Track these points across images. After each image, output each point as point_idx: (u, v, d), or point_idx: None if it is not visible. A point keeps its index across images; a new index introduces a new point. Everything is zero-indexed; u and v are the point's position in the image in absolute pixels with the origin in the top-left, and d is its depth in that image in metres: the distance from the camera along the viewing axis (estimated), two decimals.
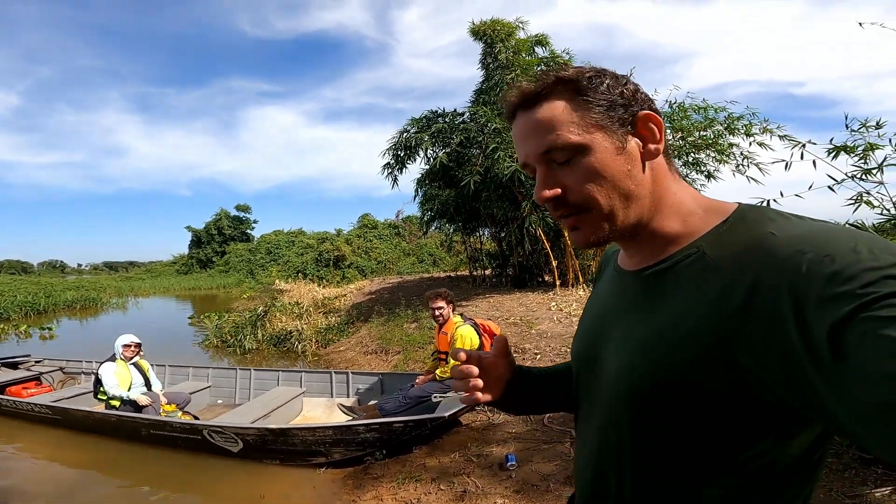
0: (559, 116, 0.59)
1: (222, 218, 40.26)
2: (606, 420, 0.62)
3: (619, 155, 0.58)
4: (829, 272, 0.42)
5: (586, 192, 0.59)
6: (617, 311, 0.65)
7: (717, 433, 0.52)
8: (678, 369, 0.52)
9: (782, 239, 0.48)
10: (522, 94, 0.62)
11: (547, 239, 9.71)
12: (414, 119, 10.10)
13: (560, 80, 0.59)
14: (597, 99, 0.58)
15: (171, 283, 33.22)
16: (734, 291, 0.49)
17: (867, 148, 3.01)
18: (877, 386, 0.37)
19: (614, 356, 0.62)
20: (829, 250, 0.43)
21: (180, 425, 4.16)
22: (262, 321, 10.18)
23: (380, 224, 28.19)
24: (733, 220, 0.56)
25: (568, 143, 0.58)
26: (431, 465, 3.34)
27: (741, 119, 7.67)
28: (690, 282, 0.55)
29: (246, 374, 5.68)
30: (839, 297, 0.40)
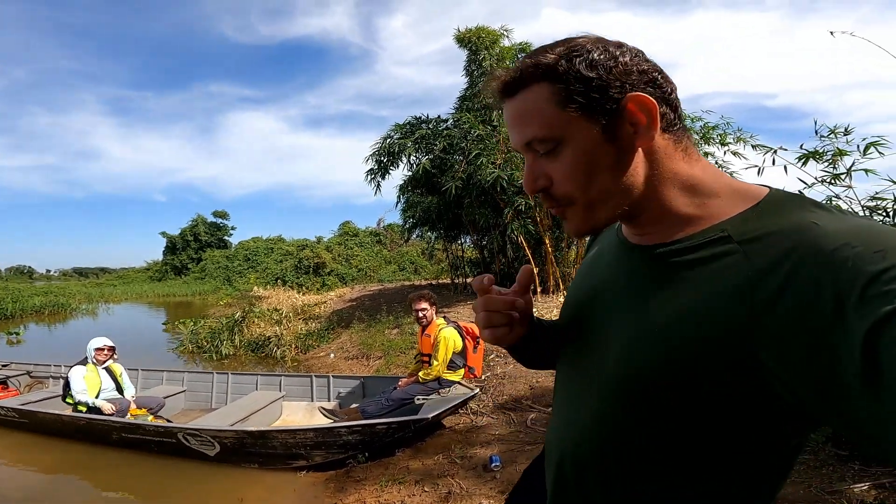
0: (535, 108, 0.55)
1: (199, 224, 39.45)
2: (602, 401, 0.59)
3: (603, 147, 0.54)
4: (879, 268, 0.38)
5: (569, 186, 0.56)
6: (621, 287, 0.61)
7: (719, 426, 0.50)
8: (691, 361, 0.49)
9: (828, 230, 0.44)
10: (502, 82, 0.58)
11: (528, 246, 9.78)
12: (398, 125, 10.13)
13: (538, 66, 0.55)
14: (576, 86, 0.53)
15: (144, 290, 32.39)
16: (766, 281, 0.45)
17: (836, 154, 3.12)
18: None
19: (617, 337, 0.58)
20: (881, 246, 0.40)
21: (153, 428, 4.04)
22: (239, 327, 9.98)
23: (361, 232, 28.02)
24: (765, 205, 0.52)
25: (542, 137, 0.55)
26: (415, 467, 3.31)
27: (716, 128, 7.89)
28: (714, 267, 0.50)
29: (223, 378, 5.55)
30: (886, 294, 0.37)
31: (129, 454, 4.16)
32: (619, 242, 0.65)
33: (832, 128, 3.18)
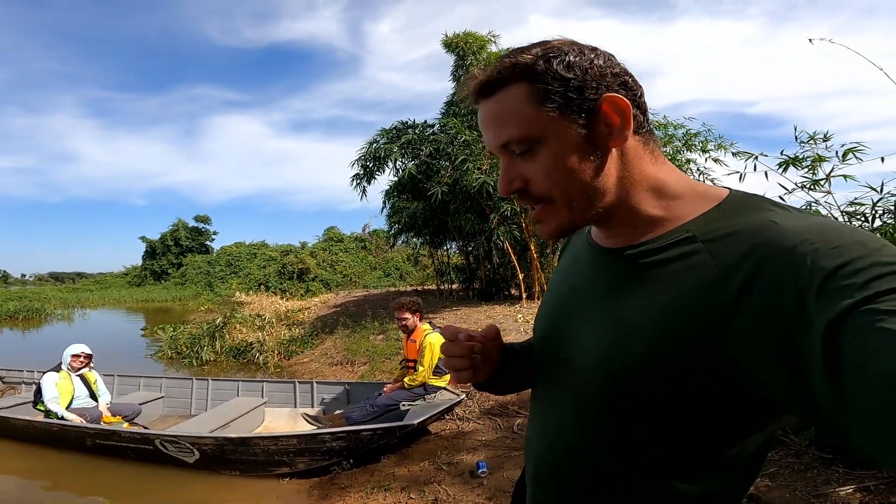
0: (513, 108, 0.56)
1: (180, 229, 38.78)
2: (577, 403, 0.59)
3: (578, 147, 0.55)
4: (837, 264, 0.40)
5: (545, 186, 0.57)
6: (592, 290, 0.62)
7: (695, 425, 0.51)
8: (663, 357, 0.50)
9: (787, 228, 0.46)
10: (479, 82, 0.58)
11: (514, 252, 9.82)
12: (384, 130, 10.10)
13: (516, 66, 0.56)
14: (554, 86, 0.54)
15: (122, 295, 31.65)
16: (730, 278, 0.46)
17: (815, 160, 3.17)
18: (874, 382, 0.35)
19: (592, 338, 0.58)
20: (838, 242, 0.42)
21: (129, 435, 3.93)
22: (220, 332, 9.80)
23: (346, 237, 27.82)
24: (726, 206, 0.54)
25: (520, 137, 0.56)
26: (401, 473, 3.26)
27: (698, 136, 8.03)
28: (680, 267, 0.52)
29: (203, 385, 5.42)
30: (844, 289, 0.38)
31: (105, 461, 4.05)
32: (589, 248, 0.66)
33: (811, 134, 3.23)
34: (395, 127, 10.17)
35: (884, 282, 0.38)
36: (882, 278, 0.38)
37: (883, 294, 0.37)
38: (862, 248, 0.41)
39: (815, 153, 3.18)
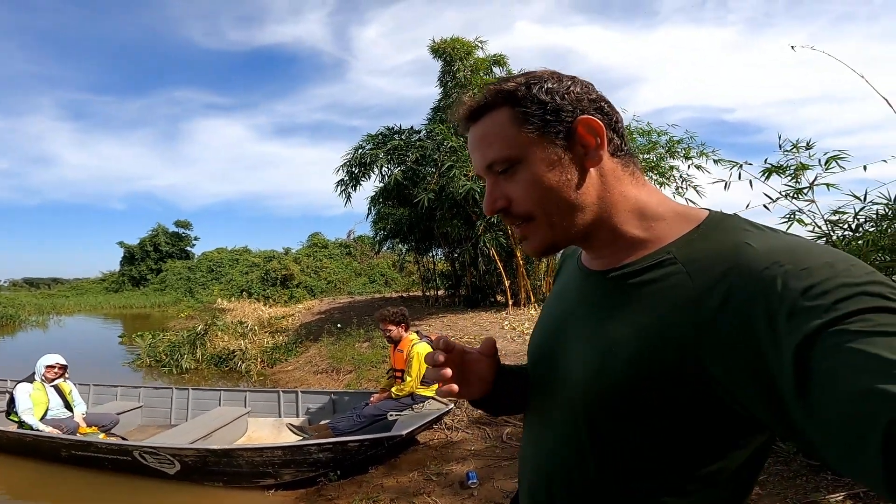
0: (497, 130, 0.60)
1: (159, 234, 38.06)
2: (567, 421, 0.60)
3: (555, 166, 0.58)
4: (805, 285, 0.41)
5: (526, 204, 0.60)
6: (581, 311, 0.64)
7: (678, 440, 0.52)
8: (645, 375, 0.51)
9: (759, 250, 0.47)
10: (467, 108, 0.63)
11: (500, 259, 9.82)
12: (370, 135, 10.05)
13: (500, 93, 0.60)
14: (533, 109, 0.58)
15: (99, 301, 30.95)
16: (707, 299, 0.48)
17: (798, 168, 3.19)
18: (841, 400, 0.36)
19: (579, 358, 0.60)
20: (807, 264, 0.43)
21: (106, 446, 3.80)
22: (201, 340, 9.59)
23: (330, 243, 27.54)
24: (705, 227, 0.55)
25: (503, 157, 0.59)
26: (389, 485, 3.20)
27: (681, 143, 8.14)
28: (661, 287, 0.53)
29: (183, 394, 5.28)
30: (813, 309, 0.40)
31: (82, 472, 3.94)
32: (579, 271, 0.69)
33: (794, 142, 3.25)
34: (381, 133, 10.13)
35: (851, 303, 0.39)
36: (849, 299, 0.39)
37: (850, 315, 0.38)
38: (830, 269, 0.42)
39: (798, 161, 3.21)
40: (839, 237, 3.13)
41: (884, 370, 0.35)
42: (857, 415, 0.35)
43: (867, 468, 0.35)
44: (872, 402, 0.34)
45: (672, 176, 8.87)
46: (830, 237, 3.13)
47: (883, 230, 2.91)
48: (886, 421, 0.33)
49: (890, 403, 0.34)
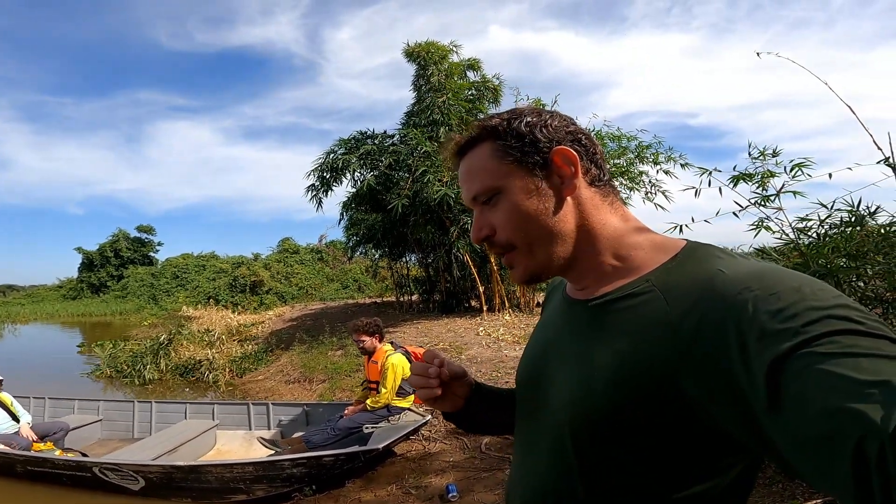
0: (480, 163, 0.64)
1: (120, 239, 36.59)
2: (554, 446, 0.61)
3: (534, 194, 0.61)
4: (774, 309, 0.43)
5: (507, 232, 0.63)
6: (565, 340, 0.66)
7: (664, 461, 0.53)
8: (627, 400, 0.53)
9: (731, 276, 0.49)
10: (456, 144, 0.68)
11: (474, 264, 9.81)
12: (342, 140, 9.89)
13: (484, 129, 0.65)
14: (512, 142, 0.62)
15: (57, 309, 29.51)
16: (683, 325, 0.50)
17: (765, 175, 3.27)
18: (812, 419, 0.38)
19: (563, 384, 0.61)
20: (775, 289, 0.45)
21: (63, 462, 3.58)
22: (165, 350, 9.22)
23: (301, 249, 26.97)
24: (682, 256, 0.57)
25: (485, 188, 0.63)
26: (367, 498, 3.11)
27: (650, 147, 8.30)
28: (641, 314, 0.55)
29: (146, 407, 5.05)
30: (782, 332, 0.42)
31: (39, 487, 3.75)
32: (563, 301, 0.71)
33: (762, 150, 3.32)
34: (353, 137, 9.98)
35: (819, 326, 0.41)
36: (817, 322, 0.41)
37: (819, 337, 0.40)
38: (797, 293, 0.44)
39: (765, 169, 3.28)
40: (805, 244, 3.21)
41: (852, 390, 0.36)
42: (828, 433, 0.36)
43: (839, 484, 0.36)
44: (842, 421, 0.36)
45: (641, 181, 9.06)
46: (797, 244, 3.21)
47: (847, 236, 3.00)
48: (856, 438, 0.35)
49: (859, 421, 0.35)
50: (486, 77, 10.51)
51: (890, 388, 0.36)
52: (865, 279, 3.02)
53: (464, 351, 6.24)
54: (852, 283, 3.01)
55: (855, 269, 2.91)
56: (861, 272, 2.95)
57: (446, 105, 9.58)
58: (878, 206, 2.90)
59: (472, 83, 10.34)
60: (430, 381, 0.74)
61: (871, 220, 2.95)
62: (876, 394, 0.36)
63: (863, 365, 0.38)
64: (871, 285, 2.98)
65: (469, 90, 10.25)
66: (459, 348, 6.40)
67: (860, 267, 2.91)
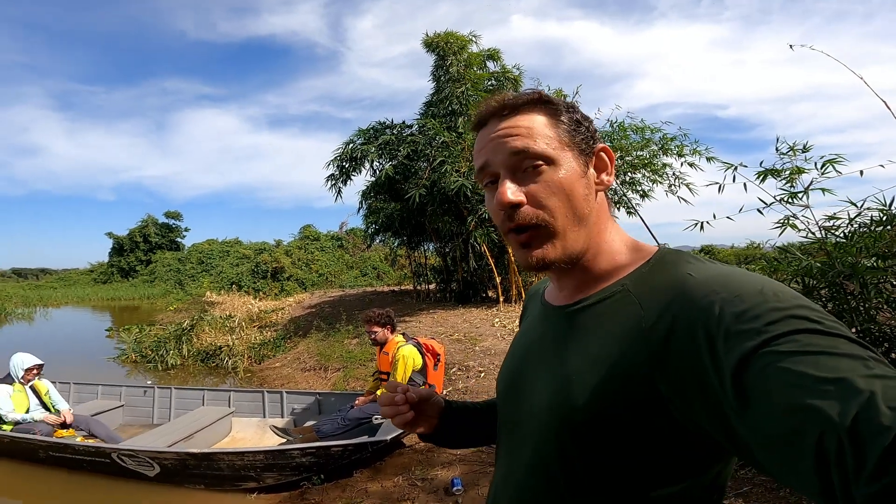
0: (537, 126, 0.61)
1: (149, 225, 37.59)
2: (536, 454, 0.62)
3: (583, 177, 0.61)
4: (738, 311, 0.45)
5: (547, 204, 0.60)
6: (543, 346, 0.66)
7: (645, 463, 0.54)
8: (606, 402, 0.53)
9: (698, 280, 0.51)
10: (503, 102, 0.63)
11: (491, 255, 9.75)
12: (361, 130, 9.90)
13: (541, 98, 0.63)
14: (570, 123, 0.62)
15: (87, 293, 30.53)
16: (657, 327, 0.51)
17: (794, 171, 3.12)
18: (776, 416, 0.39)
19: (542, 390, 0.62)
20: (739, 291, 0.47)
21: (83, 448, 3.71)
22: (188, 335, 9.46)
23: (322, 236, 27.29)
24: (654, 261, 0.59)
25: (541, 152, 0.60)
26: (374, 489, 3.14)
27: (674, 140, 8.07)
28: (615, 318, 0.56)
29: (165, 393, 5.18)
30: (746, 332, 0.43)
31: (59, 472, 3.88)
32: (542, 307, 0.72)
33: (791, 144, 3.17)
34: (372, 127, 9.98)
35: (780, 325, 0.42)
36: (778, 322, 0.42)
37: (780, 336, 0.41)
38: (759, 295, 0.46)
39: (794, 165, 3.13)
40: (832, 243, 3.07)
41: (811, 387, 0.38)
42: (790, 430, 0.38)
43: (804, 480, 0.37)
44: (802, 418, 0.37)
45: (665, 174, 8.84)
46: (823, 243, 3.08)
47: (877, 236, 2.86)
48: (816, 434, 0.36)
49: (818, 417, 0.36)
50: (505, 67, 10.35)
51: (847, 384, 0.37)
52: (894, 281, 2.88)
53: (478, 342, 6.23)
54: (879, 284, 2.87)
55: (882, 271, 2.78)
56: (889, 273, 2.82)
57: (465, 95, 9.48)
58: None
59: (491, 73, 10.20)
60: (399, 407, 0.76)
61: None
62: (833, 390, 0.37)
63: (821, 362, 0.39)
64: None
65: (488, 80, 10.11)
66: (474, 339, 6.39)
67: (889, 268, 2.78)
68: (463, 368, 5.27)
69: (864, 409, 0.35)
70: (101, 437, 4.28)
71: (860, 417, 0.35)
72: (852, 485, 0.34)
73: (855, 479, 0.34)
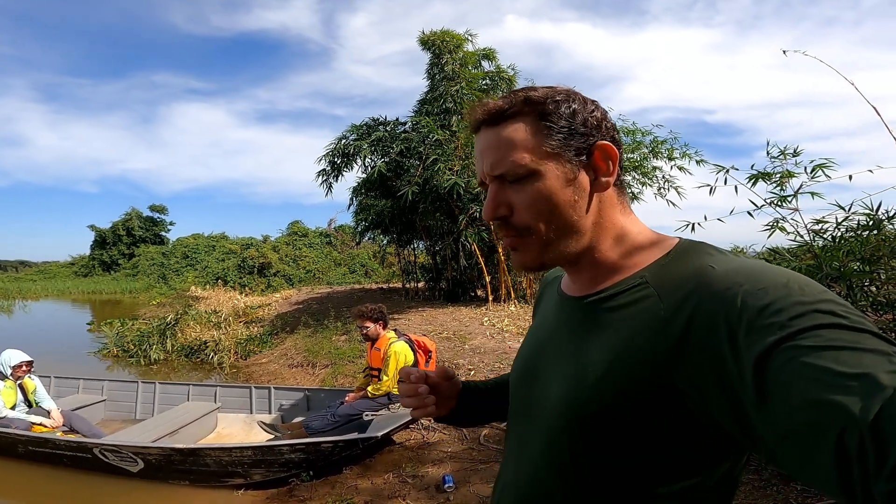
0: (518, 138, 0.59)
1: (133, 218, 36.90)
2: (549, 446, 0.61)
3: (568, 185, 0.59)
4: (763, 304, 0.44)
5: (529, 216, 0.60)
6: (559, 337, 0.65)
7: (658, 456, 0.53)
8: (621, 394, 0.53)
9: (721, 272, 0.50)
10: (488, 110, 0.62)
11: (481, 254, 9.77)
12: (354, 126, 9.83)
13: (527, 102, 0.60)
14: (558, 125, 0.59)
15: (68, 286, 29.93)
16: (675, 319, 0.50)
17: (784, 175, 3.17)
18: (797, 409, 0.39)
19: (557, 382, 0.61)
20: (764, 284, 0.46)
21: (64, 443, 3.63)
22: (172, 330, 9.31)
23: (310, 232, 27.03)
24: (675, 253, 0.58)
25: (520, 166, 0.59)
26: (364, 486, 3.12)
27: (665, 143, 8.16)
28: (634, 310, 0.56)
29: (149, 388, 5.09)
30: (769, 326, 0.42)
31: (40, 468, 3.80)
32: (558, 297, 0.71)
33: (782, 149, 3.23)
34: (365, 123, 9.92)
35: (804, 320, 0.42)
36: (802, 316, 0.42)
37: (803, 331, 0.41)
38: (784, 288, 0.45)
39: (784, 168, 3.19)
40: (819, 246, 3.13)
41: (833, 382, 0.37)
42: (810, 425, 0.37)
43: (823, 475, 0.37)
44: (824, 413, 0.37)
45: (655, 176, 8.93)
46: (811, 246, 3.13)
47: (863, 240, 2.92)
48: (837, 429, 0.36)
49: (840, 413, 0.36)
50: (500, 67, 10.37)
51: (870, 380, 0.36)
52: (878, 284, 2.95)
53: (468, 341, 6.23)
54: (864, 287, 2.93)
55: (868, 274, 2.83)
56: (874, 277, 2.88)
57: (459, 94, 9.48)
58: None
59: (486, 73, 10.22)
60: (424, 399, 0.76)
61: (889, 224, 2.86)
62: (856, 386, 0.37)
63: (844, 358, 0.39)
64: (883, 290, 2.91)
65: (483, 80, 10.13)
66: (463, 338, 6.38)
67: (874, 271, 2.84)
68: (452, 367, 5.26)
69: (888, 405, 0.35)
70: (82, 431, 4.18)
71: (883, 414, 0.34)
72: (872, 481, 0.34)
73: (876, 475, 0.34)
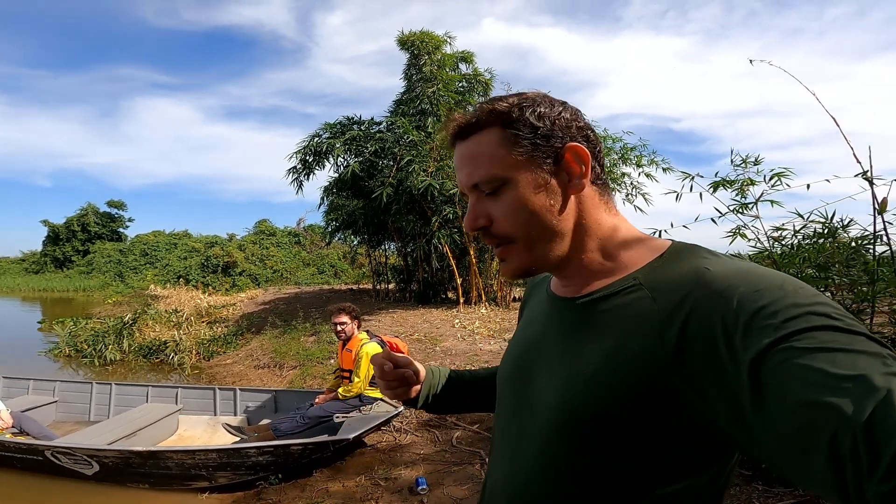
0: (486, 150, 0.61)
1: (88, 213, 35.28)
2: (543, 450, 0.60)
3: (542, 191, 0.60)
4: (759, 306, 0.45)
5: (508, 225, 0.61)
6: (550, 339, 0.65)
7: (654, 458, 0.53)
8: (615, 396, 0.53)
9: (717, 273, 0.50)
10: (458, 124, 0.63)
11: (453, 256, 9.77)
12: (328, 124, 9.69)
13: (493, 113, 0.61)
14: (524, 132, 0.59)
15: (18, 283, 28.50)
16: (671, 321, 0.50)
17: (745, 183, 3.30)
18: (792, 411, 0.39)
19: (549, 385, 0.61)
20: (760, 286, 0.46)
21: (14, 445, 3.44)
22: (129, 329, 8.93)
23: (278, 231, 26.45)
24: (668, 255, 0.58)
25: (491, 177, 0.60)
26: (335, 489, 3.06)
27: (634, 150, 8.36)
28: (627, 312, 0.55)
29: (104, 389, 4.87)
30: (765, 328, 0.43)
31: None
32: (548, 298, 0.70)
33: (744, 157, 3.35)
34: (339, 122, 9.79)
35: (799, 322, 0.42)
36: (797, 318, 0.42)
37: (798, 333, 0.41)
38: (780, 290, 0.45)
39: (745, 176, 3.32)
40: (778, 253, 3.27)
41: (828, 383, 0.38)
42: (804, 426, 0.38)
43: (817, 476, 0.37)
44: (818, 414, 0.37)
45: (623, 183, 9.15)
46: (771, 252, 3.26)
47: (819, 248, 3.06)
48: (831, 431, 0.36)
49: (833, 414, 0.37)
50: (477, 70, 10.44)
51: (864, 381, 0.37)
52: (833, 289, 3.10)
53: (439, 343, 6.22)
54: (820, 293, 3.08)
55: (823, 280, 2.97)
56: (829, 282, 3.02)
57: (436, 95, 9.49)
58: (852, 219, 2.95)
59: (463, 75, 10.27)
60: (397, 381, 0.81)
61: (843, 232, 3.01)
62: (850, 387, 0.37)
63: (839, 359, 0.39)
64: (837, 296, 3.05)
65: (460, 82, 10.17)
66: (434, 340, 6.37)
67: (828, 277, 2.98)
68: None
69: (881, 406, 0.35)
70: (33, 433, 3.96)
71: (876, 415, 0.35)
72: (865, 482, 0.34)
73: (869, 476, 0.34)
